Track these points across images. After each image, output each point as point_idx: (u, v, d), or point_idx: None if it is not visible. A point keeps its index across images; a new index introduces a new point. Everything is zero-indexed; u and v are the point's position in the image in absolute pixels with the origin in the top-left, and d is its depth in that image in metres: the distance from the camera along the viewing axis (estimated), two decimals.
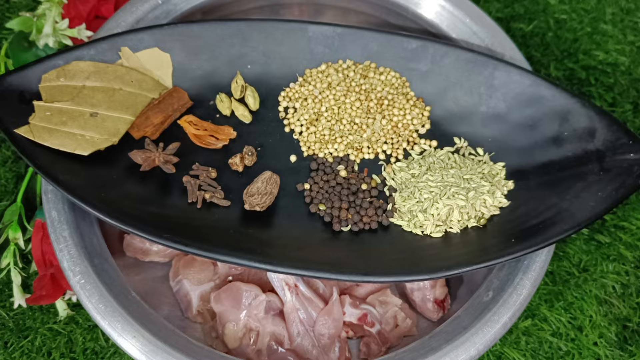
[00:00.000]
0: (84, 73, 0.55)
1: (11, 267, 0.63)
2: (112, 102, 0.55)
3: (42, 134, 0.52)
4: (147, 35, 0.58)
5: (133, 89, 0.56)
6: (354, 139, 0.58)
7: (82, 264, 0.52)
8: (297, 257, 0.50)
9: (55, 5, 0.67)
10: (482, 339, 0.51)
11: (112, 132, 0.54)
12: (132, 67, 0.57)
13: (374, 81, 0.60)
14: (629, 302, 0.67)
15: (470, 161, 0.57)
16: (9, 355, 0.63)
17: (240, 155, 0.55)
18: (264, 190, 0.53)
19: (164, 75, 0.58)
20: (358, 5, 0.67)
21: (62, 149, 0.52)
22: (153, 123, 0.55)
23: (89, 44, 0.57)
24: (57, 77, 0.55)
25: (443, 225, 0.53)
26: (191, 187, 0.53)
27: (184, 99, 0.57)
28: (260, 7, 0.68)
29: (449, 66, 0.60)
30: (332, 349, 0.56)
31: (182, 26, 0.59)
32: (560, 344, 0.65)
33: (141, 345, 0.50)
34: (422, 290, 0.60)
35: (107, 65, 0.57)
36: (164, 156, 0.54)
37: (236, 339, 0.57)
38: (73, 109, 0.54)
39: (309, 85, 0.60)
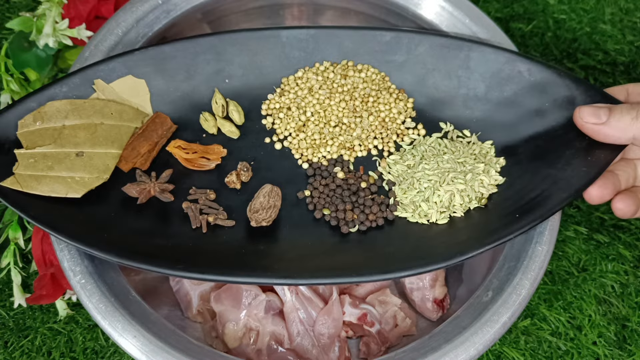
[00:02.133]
0: (62, 112, 0.54)
1: (11, 266, 0.63)
2: (95, 138, 0.53)
3: (29, 182, 0.50)
4: (118, 63, 0.56)
5: (114, 121, 0.55)
6: (344, 139, 0.58)
7: (83, 263, 0.52)
8: (314, 266, 0.50)
9: (55, 5, 0.67)
10: (482, 339, 0.51)
11: (102, 169, 0.52)
12: (108, 98, 0.56)
13: (355, 80, 0.60)
14: (628, 301, 0.67)
15: (460, 144, 0.57)
16: (9, 355, 0.63)
17: (236, 173, 0.55)
18: (267, 204, 0.52)
19: (142, 102, 0.57)
20: (358, 5, 0.67)
21: (53, 194, 0.50)
22: (140, 153, 0.54)
23: (60, 80, 0.55)
24: (34, 121, 0.53)
25: (447, 211, 0.54)
26: (193, 213, 0.53)
27: (167, 123, 0.56)
28: (260, 7, 0.68)
29: (425, 54, 0.60)
30: (332, 348, 0.56)
31: (153, 49, 0.57)
32: (559, 344, 0.65)
33: (141, 345, 0.50)
34: (422, 290, 0.60)
35: (84, 101, 0.55)
36: (159, 185, 0.53)
37: (236, 338, 0.57)
38: (57, 152, 0.52)
39: (290, 94, 0.60)
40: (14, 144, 0.53)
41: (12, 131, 0.53)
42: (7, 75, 0.69)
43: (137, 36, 0.61)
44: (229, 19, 0.68)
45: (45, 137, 0.53)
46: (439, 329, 0.52)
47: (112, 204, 0.53)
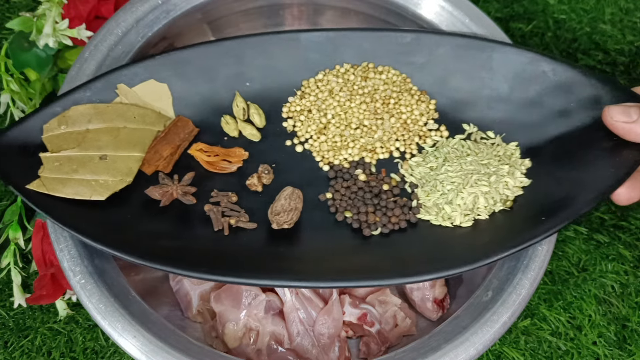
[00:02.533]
0: (85, 117, 0.54)
1: (11, 266, 0.63)
2: (118, 141, 0.54)
3: (54, 185, 0.51)
4: (140, 68, 0.57)
5: (137, 125, 0.55)
6: (366, 142, 0.58)
7: (83, 264, 0.52)
8: (336, 269, 0.50)
9: (55, 5, 0.67)
10: (482, 339, 0.51)
11: (125, 172, 0.53)
12: (131, 102, 0.56)
13: (376, 81, 0.60)
14: (628, 301, 0.67)
15: (484, 145, 0.57)
16: (9, 355, 0.63)
17: (257, 175, 0.55)
18: (289, 207, 0.52)
19: (164, 106, 0.57)
20: (358, 5, 0.67)
21: (77, 197, 0.51)
22: (163, 156, 0.54)
23: (84, 85, 0.56)
24: (58, 125, 0.53)
25: (471, 214, 0.53)
26: (215, 215, 0.53)
27: (189, 126, 0.56)
28: (260, 7, 0.68)
29: (446, 55, 0.60)
30: (332, 348, 0.56)
31: (174, 54, 0.58)
32: (559, 344, 0.65)
33: (141, 345, 0.50)
34: (422, 289, 0.60)
35: (107, 105, 0.55)
36: (182, 188, 0.53)
37: (236, 338, 0.57)
38: (81, 155, 0.52)
39: (310, 97, 0.60)
40: (39, 148, 0.53)
41: (37, 135, 0.54)
42: (7, 75, 0.69)
43: (137, 36, 0.61)
44: (228, 19, 0.69)
45: (69, 141, 0.53)
46: (439, 329, 0.52)
47: (135, 207, 0.53)
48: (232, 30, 0.70)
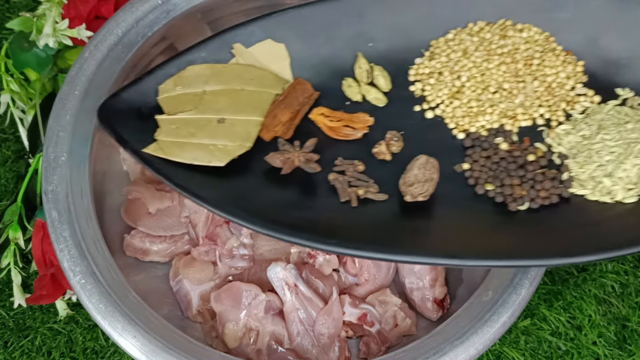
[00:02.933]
0: (202, 77, 0.51)
1: (11, 266, 0.63)
2: (237, 104, 0.50)
3: (172, 149, 0.48)
4: (257, 27, 0.54)
5: (255, 87, 0.52)
6: (506, 107, 0.53)
7: (82, 264, 0.52)
8: (478, 246, 0.46)
9: (55, 5, 0.67)
10: (482, 339, 0.51)
11: (244, 136, 0.50)
12: (248, 64, 0.53)
13: (516, 40, 0.54)
14: (628, 301, 0.67)
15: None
16: (9, 355, 0.63)
17: (385, 142, 0.51)
18: (423, 177, 0.47)
19: (282, 68, 0.54)
20: None
21: (196, 162, 0.48)
22: (282, 121, 0.50)
23: (199, 45, 0.53)
24: (174, 86, 0.51)
25: (635, 188, 0.47)
26: (341, 185, 0.49)
27: (309, 90, 0.52)
28: (260, 7, 0.68)
29: (598, 8, 0.53)
30: (332, 348, 0.56)
31: (292, 11, 0.54)
32: (559, 344, 0.65)
33: (141, 345, 0.50)
34: (422, 289, 0.60)
35: (224, 66, 0.52)
36: (304, 155, 0.50)
37: (236, 338, 0.57)
38: (199, 118, 0.50)
39: (441, 57, 0.54)
40: (155, 110, 0.51)
41: (152, 96, 0.51)
42: (7, 75, 0.69)
43: (137, 36, 0.61)
44: (229, 19, 0.68)
45: (186, 103, 0.50)
46: (439, 329, 0.52)
47: (255, 174, 0.50)
48: None
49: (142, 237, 0.61)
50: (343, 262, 0.61)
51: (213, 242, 0.60)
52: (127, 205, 0.62)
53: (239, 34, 0.54)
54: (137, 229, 0.61)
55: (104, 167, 0.62)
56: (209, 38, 0.53)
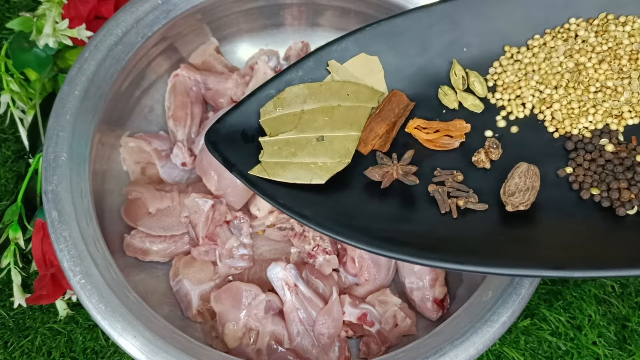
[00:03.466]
0: (300, 97, 0.52)
1: (11, 266, 0.63)
2: (334, 121, 0.52)
3: (275, 170, 0.50)
4: (350, 42, 0.54)
5: (351, 102, 0.53)
6: (610, 106, 0.51)
7: (82, 264, 0.52)
8: (587, 255, 0.44)
9: (55, 5, 0.67)
10: (482, 339, 0.51)
11: (343, 153, 0.51)
12: (343, 79, 0.54)
13: (618, 34, 0.52)
14: (628, 301, 0.67)
15: None
16: (9, 355, 0.63)
17: (484, 150, 0.50)
18: (524, 186, 0.47)
19: (376, 81, 0.54)
20: (358, 5, 0.67)
21: (298, 181, 0.49)
22: (379, 134, 0.51)
23: (295, 65, 0.54)
24: (274, 108, 0.52)
25: None
26: (440, 196, 0.49)
27: (404, 101, 0.53)
28: (260, 7, 0.68)
29: None
30: (332, 348, 0.56)
31: (385, 24, 0.54)
32: (559, 344, 0.65)
33: (141, 345, 0.50)
34: (422, 289, 0.60)
35: (320, 84, 0.53)
36: (402, 167, 0.50)
37: (236, 338, 0.57)
38: (299, 137, 0.51)
39: (530, 57, 0.53)
40: (257, 132, 0.52)
41: (254, 119, 0.52)
42: (7, 75, 0.69)
43: (137, 36, 0.61)
44: (229, 19, 0.69)
45: (286, 123, 0.52)
46: (439, 329, 0.52)
47: (355, 189, 0.50)
48: (232, 30, 0.70)
49: (142, 237, 0.61)
50: (343, 262, 0.61)
51: (213, 242, 0.60)
52: (127, 205, 0.62)
53: (333, 51, 0.54)
54: (137, 229, 0.61)
55: (104, 167, 0.62)
56: (305, 57, 0.54)
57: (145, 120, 0.67)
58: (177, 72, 0.66)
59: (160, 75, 0.67)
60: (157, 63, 0.66)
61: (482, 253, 0.45)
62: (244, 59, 0.72)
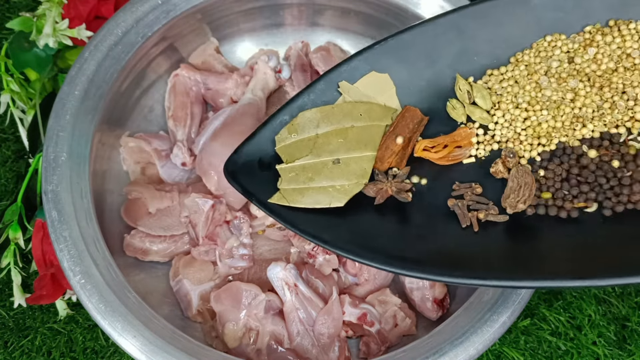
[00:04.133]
0: (313, 122, 0.53)
1: (11, 266, 0.63)
2: (349, 142, 0.52)
3: (294, 196, 0.50)
4: (359, 61, 0.54)
5: (364, 122, 0.53)
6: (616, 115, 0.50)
7: (82, 263, 0.52)
8: (598, 264, 0.44)
9: (55, 5, 0.67)
10: (481, 338, 0.51)
11: (360, 173, 0.51)
12: (355, 99, 0.54)
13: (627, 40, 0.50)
14: (628, 301, 0.67)
15: None
16: (9, 355, 0.63)
17: (502, 160, 0.50)
18: (517, 185, 0.47)
19: (388, 98, 0.54)
20: (357, 5, 0.67)
21: (317, 206, 0.50)
22: (395, 151, 0.51)
23: (306, 89, 0.54)
24: (289, 134, 0.52)
25: None
26: (460, 210, 0.48)
27: (418, 116, 0.53)
28: (260, 7, 0.68)
29: None
30: (332, 348, 0.56)
31: (392, 40, 0.54)
32: (559, 343, 0.65)
33: (141, 345, 0.50)
34: (422, 289, 0.60)
35: (332, 107, 0.54)
36: (396, 184, 0.50)
37: (236, 338, 0.57)
38: (315, 162, 0.51)
39: (538, 65, 0.53)
40: (274, 160, 0.52)
41: (270, 147, 0.53)
42: (7, 75, 0.69)
43: (137, 36, 0.61)
44: (228, 19, 0.69)
45: (302, 149, 0.52)
46: (439, 329, 0.52)
47: (371, 210, 0.50)
48: (232, 30, 0.70)
49: (142, 237, 0.61)
50: (343, 262, 0.61)
51: (213, 242, 0.60)
52: (127, 205, 0.62)
53: (342, 72, 0.54)
54: (137, 228, 0.61)
55: (104, 167, 0.62)
56: (315, 81, 0.54)
57: (145, 120, 0.67)
58: (177, 72, 0.66)
59: (160, 75, 0.67)
60: (157, 63, 0.66)
61: (504, 265, 0.45)
62: (244, 59, 0.72)
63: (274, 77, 0.67)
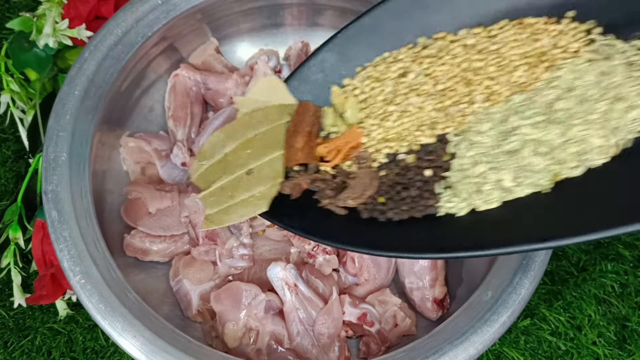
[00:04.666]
0: (219, 143, 0.55)
1: (11, 266, 0.63)
2: (256, 151, 0.54)
3: (221, 217, 0.52)
4: (326, 53, 0.56)
5: (265, 127, 0.55)
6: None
7: (82, 263, 0.52)
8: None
9: (55, 5, 0.67)
10: (481, 338, 0.51)
11: (273, 175, 0.53)
12: (251, 110, 0.56)
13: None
14: (628, 301, 0.67)
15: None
16: (9, 355, 0.63)
17: (355, 162, 0.53)
18: (354, 184, 0.51)
19: (282, 96, 0.56)
20: (356, 5, 0.67)
21: (245, 218, 0.52)
22: (298, 148, 0.53)
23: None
24: (200, 162, 0.55)
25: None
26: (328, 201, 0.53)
27: (311, 109, 0.54)
28: (260, 7, 0.69)
29: None
30: (332, 348, 0.56)
31: (352, 26, 0.55)
32: (559, 343, 0.65)
33: (141, 345, 0.50)
34: (422, 289, 0.60)
35: (231, 124, 0.56)
36: (308, 176, 0.53)
37: (236, 338, 0.57)
38: (231, 179, 0.53)
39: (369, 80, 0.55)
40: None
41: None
42: (7, 75, 0.69)
43: (137, 36, 0.61)
44: (228, 19, 0.69)
45: (216, 172, 0.54)
46: (439, 329, 0.52)
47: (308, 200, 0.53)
48: (232, 30, 0.70)
49: (142, 237, 0.61)
50: (343, 262, 0.61)
51: (213, 242, 0.60)
52: (127, 205, 0.62)
53: (312, 65, 0.56)
54: (137, 228, 0.61)
55: (104, 167, 0.62)
56: (288, 78, 0.56)
57: (145, 120, 0.67)
58: (177, 72, 0.66)
59: (160, 75, 0.67)
60: (157, 63, 0.66)
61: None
62: (244, 59, 0.72)
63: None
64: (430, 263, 0.59)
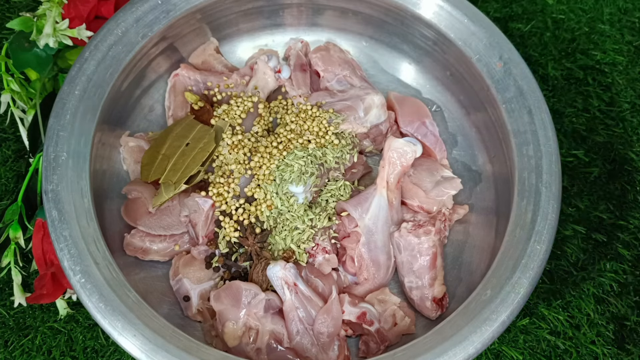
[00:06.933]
0: (155, 151, 0.62)
1: (12, 266, 0.63)
2: (186, 133, 0.62)
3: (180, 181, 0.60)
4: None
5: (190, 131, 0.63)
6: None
7: (83, 263, 0.52)
8: None
9: (55, 5, 0.67)
10: (480, 338, 0.51)
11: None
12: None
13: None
14: (627, 300, 0.67)
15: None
16: (9, 354, 0.63)
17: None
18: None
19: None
20: (356, 5, 0.68)
21: (197, 171, 0.60)
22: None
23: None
24: (148, 175, 0.61)
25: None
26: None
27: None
28: (259, 7, 0.69)
29: None
30: (331, 347, 0.57)
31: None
32: (558, 342, 0.65)
33: (141, 344, 0.50)
34: (421, 288, 0.60)
35: (159, 134, 0.64)
36: (257, 244, 0.61)
37: (236, 337, 0.57)
38: (176, 157, 0.61)
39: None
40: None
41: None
42: (8, 75, 0.69)
43: (137, 36, 0.61)
44: (228, 19, 0.69)
45: (162, 165, 0.61)
46: (438, 328, 0.52)
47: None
48: (232, 30, 0.70)
49: (142, 236, 0.61)
50: (342, 262, 0.61)
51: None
52: (127, 204, 0.63)
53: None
54: (137, 228, 0.62)
55: (104, 167, 0.62)
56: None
57: (145, 119, 0.67)
58: (177, 71, 0.67)
59: (160, 75, 0.68)
60: (157, 63, 0.66)
61: None
62: (244, 59, 0.72)
63: (273, 77, 0.67)
64: (429, 262, 0.60)
